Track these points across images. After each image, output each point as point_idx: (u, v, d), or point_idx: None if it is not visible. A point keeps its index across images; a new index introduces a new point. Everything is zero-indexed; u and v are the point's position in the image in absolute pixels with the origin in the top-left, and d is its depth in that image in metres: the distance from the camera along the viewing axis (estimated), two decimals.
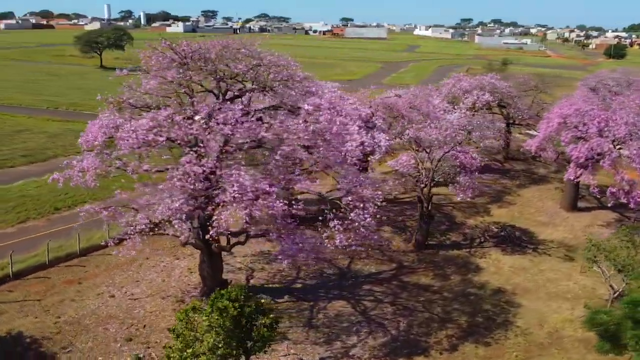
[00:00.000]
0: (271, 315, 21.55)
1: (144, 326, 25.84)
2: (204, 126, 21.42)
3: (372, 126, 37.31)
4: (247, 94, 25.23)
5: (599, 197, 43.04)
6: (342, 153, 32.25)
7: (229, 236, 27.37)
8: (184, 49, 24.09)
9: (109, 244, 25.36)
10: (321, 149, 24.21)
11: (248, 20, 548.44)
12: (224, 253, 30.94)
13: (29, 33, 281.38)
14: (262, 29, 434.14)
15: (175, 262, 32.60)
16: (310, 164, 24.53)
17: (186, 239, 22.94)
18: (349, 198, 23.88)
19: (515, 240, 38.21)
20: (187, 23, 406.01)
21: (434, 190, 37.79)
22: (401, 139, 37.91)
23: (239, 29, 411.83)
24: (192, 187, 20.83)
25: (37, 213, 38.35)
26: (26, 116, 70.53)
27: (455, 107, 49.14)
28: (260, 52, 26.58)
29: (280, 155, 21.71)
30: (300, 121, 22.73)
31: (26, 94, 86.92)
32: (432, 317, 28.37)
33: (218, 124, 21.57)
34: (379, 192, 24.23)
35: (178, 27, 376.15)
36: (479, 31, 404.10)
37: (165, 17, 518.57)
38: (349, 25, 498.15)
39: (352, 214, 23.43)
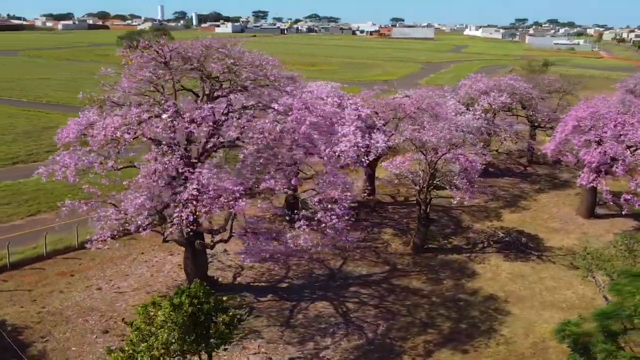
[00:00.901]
0: (231, 313, 21.64)
1: (123, 319, 26.33)
2: (169, 125, 21.73)
3: (372, 127, 36.87)
4: (230, 94, 25.43)
5: (619, 203, 41.26)
6: (336, 153, 32.28)
7: (212, 233, 27.75)
8: (162, 48, 24.45)
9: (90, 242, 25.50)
10: (299, 148, 24.17)
11: (297, 21, 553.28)
12: (217, 250, 31.38)
13: (84, 33, 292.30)
14: (310, 30, 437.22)
15: (168, 257, 33.17)
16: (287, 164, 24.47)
17: (146, 234, 23.21)
18: (316, 199, 23.72)
19: (520, 246, 37.03)
20: (236, 24, 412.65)
21: (444, 193, 37.16)
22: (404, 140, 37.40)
23: (287, 29, 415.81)
24: (155, 184, 21.18)
25: (49, 206, 39.66)
26: (60, 113, 73.12)
27: (470, 108, 48.06)
28: (243, 52, 26.79)
29: (246, 154, 21.75)
30: (267, 121, 22.71)
31: (64, 92, 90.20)
32: (414, 322, 27.85)
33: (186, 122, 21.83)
34: (348, 194, 23.94)
35: (227, 28, 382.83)
36: (531, 31, 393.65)
37: (216, 17, 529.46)
38: (397, 25, 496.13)
39: (319, 215, 23.25)
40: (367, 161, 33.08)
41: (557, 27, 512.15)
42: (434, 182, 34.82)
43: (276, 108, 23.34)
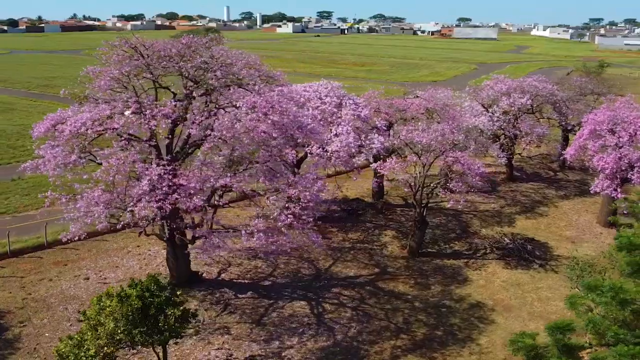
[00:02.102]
0: (181, 308, 21.95)
1: (79, 310, 26.95)
2: (129, 121, 22.29)
3: (373, 127, 36.43)
4: (206, 94, 25.83)
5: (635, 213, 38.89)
6: (328, 153, 32.16)
7: (191, 229, 28.18)
8: (136, 46, 25.07)
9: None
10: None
11: (360, 21, 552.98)
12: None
13: (150, 33, 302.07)
14: (371, 30, 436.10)
15: (162, 251, 33.90)
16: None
17: (103, 227, 23.78)
18: (274, 197, 23.68)
19: (524, 253, 35.58)
20: (297, 24, 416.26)
21: (454, 196, 36.05)
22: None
23: (347, 29, 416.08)
24: (111, 178, 21.81)
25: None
26: None
27: (490, 110, 46.61)
28: (224, 51, 27.11)
29: (203, 152, 22.03)
30: (226, 119, 22.89)
31: None
32: (389, 326, 27.33)
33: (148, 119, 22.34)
34: (307, 193, 23.73)
35: (288, 28, 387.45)
36: (602, 31, 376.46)
37: (280, 18, 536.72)
38: (461, 25, 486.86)
39: (275, 213, 23.22)
40: (358, 162, 32.63)
41: (633, 27, 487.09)
42: (431, 184, 34.03)
43: (239, 106, 23.49)
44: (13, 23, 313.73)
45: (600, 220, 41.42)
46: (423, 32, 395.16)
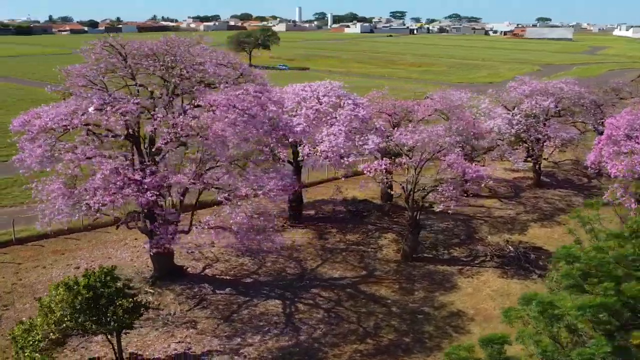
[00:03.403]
0: (130, 300, 22.57)
1: (34, 297, 27.98)
2: (92, 117, 23.15)
3: (371, 128, 35.92)
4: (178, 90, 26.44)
5: None
6: (318, 153, 32.11)
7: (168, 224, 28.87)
8: (112, 44, 25.98)
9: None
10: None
11: (432, 21, 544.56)
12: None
13: (220, 33, 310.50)
14: (442, 30, 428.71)
15: None
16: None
17: (67, 221, 24.67)
18: (225, 194, 23.83)
19: (525, 263, 34.01)
20: (365, 24, 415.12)
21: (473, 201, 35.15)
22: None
23: (417, 29, 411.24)
24: (70, 172, 22.75)
25: None
26: None
27: (510, 112, 44.86)
28: (206, 50, 27.61)
29: (157, 148, 22.55)
30: (180, 117, 23.29)
31: None
32: (357, 330, 26.91)
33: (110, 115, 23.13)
34: (260, 192, 23.72)
35: (356, 28, 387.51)
36: None
37: (351, 18, 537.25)
38: (538, 25, 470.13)
39: (227, 211, 23.39)
40: (347, 163, 32.28)
41: None
42: (425, 188, 33.19)
43: (196, 105, 23.89)
44: (93, 24, 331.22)
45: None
46: (495, 32, 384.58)
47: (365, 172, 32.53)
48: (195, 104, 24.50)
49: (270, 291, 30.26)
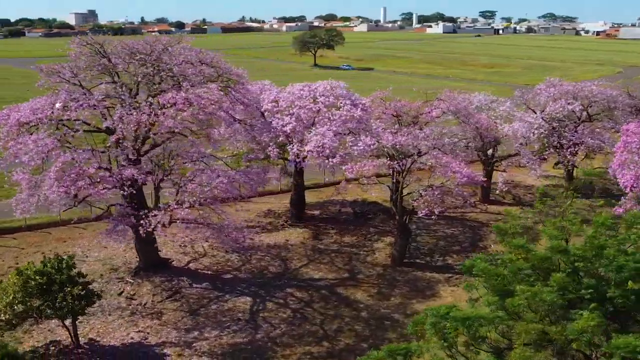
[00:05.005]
0: (80, 287, 23.58)
1: None
2: (59, 112, 24.41)
3: (368, 129, 35.27)
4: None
5: None
6: (304, 152, 32.23)
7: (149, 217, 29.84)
8: (97, 42, 27.27)
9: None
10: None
11: (522, 20, 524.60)
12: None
13: (297, 34, 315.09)
14: (529, 30, 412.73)
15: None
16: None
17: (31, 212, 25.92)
18: (174, 190, 24.31)
19: None
20: (448, 24, 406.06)
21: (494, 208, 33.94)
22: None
23: (503, 29, 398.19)
24: (33, 163, 24.09)
25: None
26: None
27: (532, 116, 42.59)
28: (186, 49, 28.39)
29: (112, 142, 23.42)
30: (140, 114, 24.04)
31: None
32: (317, 332, 26.69)
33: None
34: (203, 189, 24.04)
35: (438, 28, 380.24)
36: None
37: (438, 18, 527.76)
38: (637, 25, 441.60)
39: (170, 207, 23.90)
40: (332, 163, 31.91)
41: None
42: (412, 192, 32.34)
43: (160, 102, 24.56)
44: (180, 25, 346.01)
45: None
46: (587, 32, 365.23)
47: (347, 173, 32.06)
48: (150, 101, 25.22)
49: (246, 288, 30.55)
